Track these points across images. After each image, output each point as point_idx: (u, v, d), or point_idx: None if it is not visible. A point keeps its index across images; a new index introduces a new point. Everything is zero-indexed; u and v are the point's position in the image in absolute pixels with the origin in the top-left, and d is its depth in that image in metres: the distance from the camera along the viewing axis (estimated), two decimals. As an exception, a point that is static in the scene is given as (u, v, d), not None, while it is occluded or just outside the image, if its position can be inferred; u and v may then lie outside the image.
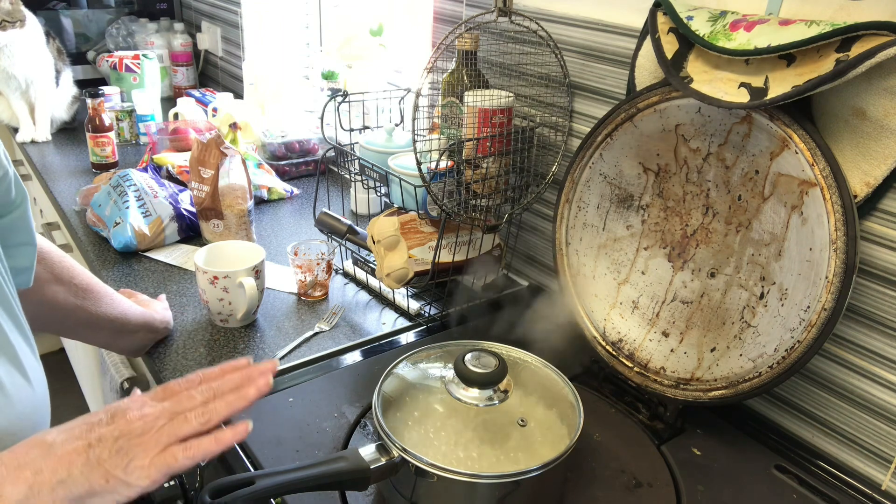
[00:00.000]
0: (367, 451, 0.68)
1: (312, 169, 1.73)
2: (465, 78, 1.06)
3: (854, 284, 0.74)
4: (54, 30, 2.04)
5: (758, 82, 0.75)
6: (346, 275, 1.26)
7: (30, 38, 1.77)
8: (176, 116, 1.86)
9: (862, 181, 0.74)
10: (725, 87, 0.77)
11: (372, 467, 0.66)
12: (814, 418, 0.88)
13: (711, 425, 0.89)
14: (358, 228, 1.17)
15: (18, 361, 0.66)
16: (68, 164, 1.74)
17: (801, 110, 0.75)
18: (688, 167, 0.88)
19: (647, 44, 0.89)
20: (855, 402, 0.83)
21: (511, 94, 1.02)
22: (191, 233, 1.36)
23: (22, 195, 0.75)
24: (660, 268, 0.93)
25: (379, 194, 1.20)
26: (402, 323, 1.12)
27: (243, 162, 1.31)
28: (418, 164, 0.94)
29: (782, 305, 0.80)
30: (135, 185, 1.32)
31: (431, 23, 1.33)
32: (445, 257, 1.06)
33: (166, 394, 0.63)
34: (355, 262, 1.26)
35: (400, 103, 1.26)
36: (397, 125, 1.23)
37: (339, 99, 1.17)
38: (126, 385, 1.19)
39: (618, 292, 0.97)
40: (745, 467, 0.83)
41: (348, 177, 1.23)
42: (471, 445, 0.69)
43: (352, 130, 1.20)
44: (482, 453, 0.68)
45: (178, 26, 2.33)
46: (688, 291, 0.90)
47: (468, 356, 0.73)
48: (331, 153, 1.22)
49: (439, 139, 1.07)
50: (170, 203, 1.33)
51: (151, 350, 1.02)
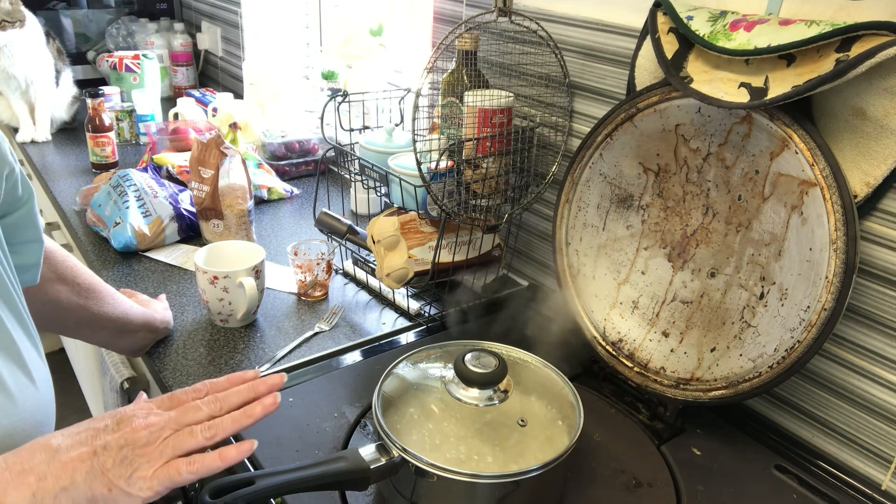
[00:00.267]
0: (367, 451, 0.68)
1: (312, 169, 1.73)
2: (465, 78, 1.06)
3: (854, 284, 0.74)
4: (54, 30, 2.04)
5: (758, 82, 0.75)
6: (346, 275, 1.26)
7: (30, 38, 1.77)
8: (176, 116, 1.86)
9: (862, 181, 0.74)
10: (725, 87, 0.77)
11: (372, 467, 0.66)
12: (814, 418, 0.88)
13: (711, 425, 0.89)
14: (358, 228, 1.17)
15: (22, 361, 0.66)
16: (68, 164, 1.74)
17: (801, 110, 0.75)
18: (688, 167, 0.88)
19: (647, 44, 0.89)
20: (855, 402, 0.83)
21: (511, 94, 1.02)
22: (191, 233, 1.36)
23: (29, 192, 0.75)
24: (660, 268, 0.93)
25: (379, 194, 1.20)
26: (402, 323, 1.12)
27: (243, 162, 1.31)
28: (418, 164, 0.94)
29: (782, 305, 0.80)
30: (135, 185, 1.32)
31: (431, 23, 1.33)
32: (445, 257, 1.06)
33: (173, 403, 0.63)
34: (355, 262, 1.26)
35: (400, 103, 1.26)
36: (397, 125, 1.23)
37: (339, 99, 1.17)
38: (126, 385, 1.19)
39: (618, 292, 0.97)
40: (745, 467, 0.83)
41: (348, 177, 1.23)
42: (471, 445, 0.69)
43: (352, 130, 1.20)
44: (482, 453, 0.68)
45: (178, 26, 2.33)
46: (688, 291, 0.90)
47: (468, 356, 0.73)
48: (331, 153, 1.22)
49: (439, 139, 1.07)
50: (170, 203, 1.33)
51: (151, 350, 1.02)
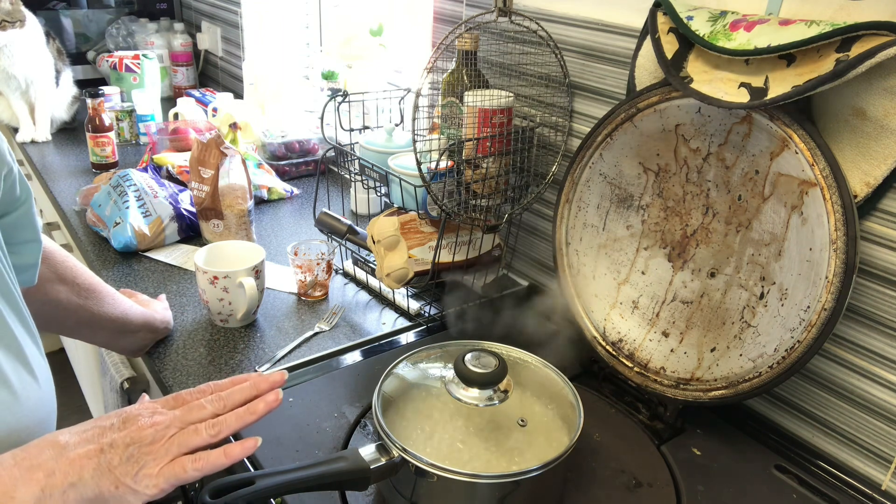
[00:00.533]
0: (367, 451, 0.68)
1: (312, 169, 1.73)
2: (465, 78, 1.06)
3: (854, 284, 0.74)
4: (54, 30, 2.04)
5: (758, 82, 0.75)
6: (346, 275, 1.26)
7: (30, 38, 1.77)
8: (176, 116, 1.86)
9: (862, 181, 0.74)
10: (725, 87, 0.77)
11: (372, 467, 0.66)
12: (814, 418, 0.88)
13: (711, 425, 0.89)
14: (358, 228, 1.17)
15: (25, 359, 0.66)
16: (68, 164, 1.74)
17: (801, 110, 0.75)
18: (688, 167, 0.88)
19: (647, 44, 0.89)
20: (855, 402, 0.83)
21: (511, 94, 1.02)
22: (191, 233, 1.36)
23: (27, 192, 0.75)
24: (660, 268, 0.93)
25: (379, 194, 1.20)
26: (402, 323, 1.12)
27: (243, 162, 1.31)
28: (418, 164, 0.94)
29: (782, 305, 0.80)
30: (135, 185, 1.32)
31: (431, 23, 1.33)
32: (445, 257, 1.06)
33: (177, 402, 0.63)
34: (355, 262, 1.26)
35: (400, 103, 1.26)
36: (397, 125, 1.23)
37: (339, 99, 1.17)
38: (126, 385, 1.19)
39: (618, 292, 0.97)
40: (745, 467, 0.83)
41: (348, 177, 1.23)
42: (471, 445, 0.69)
43: (352, 130, 1.20)
44: (482, 453, 0.68)
45: (178, 26, 2.33)
46: (688, 291, 0.90)
47: (468, 356, 0.73)
48: (331, 153, 1.22)
49: (439, 139, 1.07)
50: (170, 203, 1.33)
51: (151, 350, 1.02)
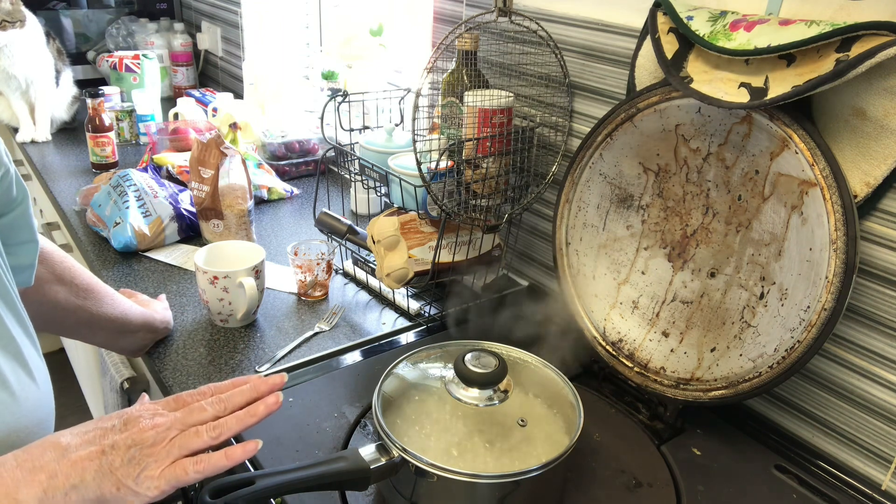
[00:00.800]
0: (367, 451, 0.68)
1: (312, 169, 1.73)
2: (465, 78, 1.06)
3: (854, 284, 0.74)
4: (54, 30, 2.04)
5: (758, 82, 0.75)
6: (346, 275, 1.26)
7: (30, 38, 1.77)
8: (176, 116, 1.86)
9: (862, 181, 0.74)
10: (725, 87, 0.77)
11: (372, 467, 0.66)
12: (814, 418, 0.88)
13: (711, 425, 0.89)
14: (358, 228, 1.17)
15: (23, 359, 0.66)
16: (68, 164, 1.73)
17: (801, 110, 0.75)
18: (688, 167, 0.88)
19: (647, 44, 0.89)
20: (855, 402, 0.83)
21: (511, 94, 1.02)
22: (191, 233, 1.36)
23: (23, 193, 0.75)
24: (660, 268, 0.93)
25: (379, 194, 1.20)
26: (402, 323, 1.12)
27: (243, 162, 1.31)
28: (418, 164, 0.94)
29: (782, 305, 0.80)
30: (135, 185, 1.32)
31: (431, 23, 1.33)
32: (445, 257, 1.06)
33: (178, 404, 0.63)
34: (355, 262, 1.26)
35: (400, 103, 1.26)
36: (397, 125, 1.23)
37: (339, 99, 1.17)
38: (126, 385, 1.19)
39: (618, 292, 0.97)
40: (745, 467, 0.83)
41: (348, 177, 1.23)
42: (471, 445, 0.69)
43: (352, 130, 1.20)
44: (482, 453, 0.68)
45: (178, 26, 2.33)
46: (688, 291, 0.90)
47: (468, 356, 0.73)
48: (331, 153, 1.22)
49: (439, 139, 1.07)
50: (170, 203, 1.33)
51: (151, 350, 1.02)
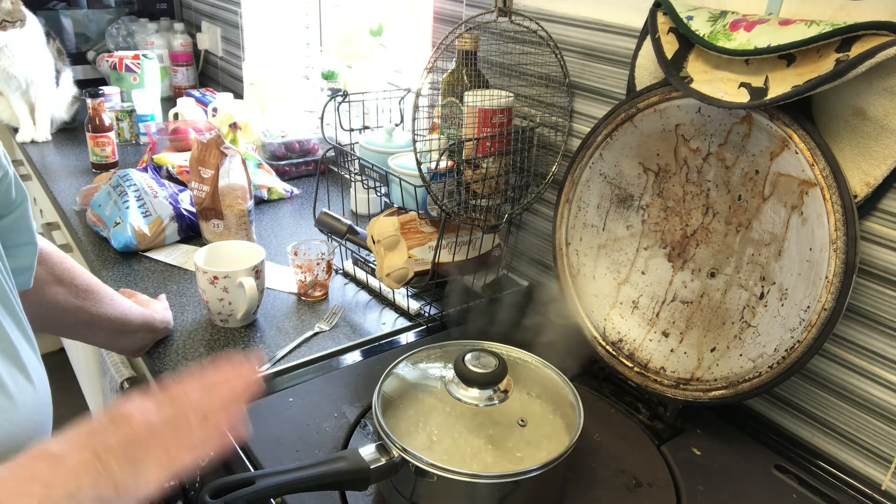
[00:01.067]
0: (367, 451, 0.68)
1: (312, 169, 1.73)
2: (465, 78, 1.06)
3: (854, 284, 0.74)
4: (54, 30, 2.04)
5: (758, 82, 0.75)
6: (346, 275, 1.26)
7: (30, 38, 1.77)
8: (176, 116, 1.86)
9: (862, 181, 0.74)
10: (725, 87, 0.77)
11: (372, 467, 0.66)
12: (814, 418, 0.88)
13: (711, 425, 0.89)
14: (358, 228, 1.17)
15: (21, 362, 0.66)
16: (68, 164, 1.73)
17: (801, 110, 0.75)
18: (688, 167, 0.88)
19: (647, 44, 0.89)
20: (855, 402, 0.83)
21: (511, 94, 1.02)
22: (191, 233, 1.36)
23: (22, 195, 0.75)
24: (660, 268, 0.93)
25: (379, 194, 1.20)
26: (402, 323, 1.12)
27: (243, 162, 1.31)
28: (418, 164, 0.94)
29: (782, 305, 0.80)
30: (135, 185, 1.32)
31: (431, 23, 1.33)
32: (445, 257, 1.06)
33: (165, 397, 0.63)
34: (355, 262, 1.26)
35: (400, 103, 1.26)
36: (397, 125, 1.23)
37: (339, 99, 1.17)
38: (126, 385, 1.19)
39: (618, 292, 0.97)
40: (745, 467, 0.83)
41: (348, 177, 1.23)
42: (471, 446, 0.69)
43: (352, 130, 1.20)
44: (482, 453, 0.68)
45: (178, 26, 2.33)
46: (688, 291, 0.90)
47: (468, 356, 0.73)
48: (331, 153, 1.22)
49: (439, 139, 1.07)
50: (170, 203, 1.33)
51: (151, 350, 1.02)
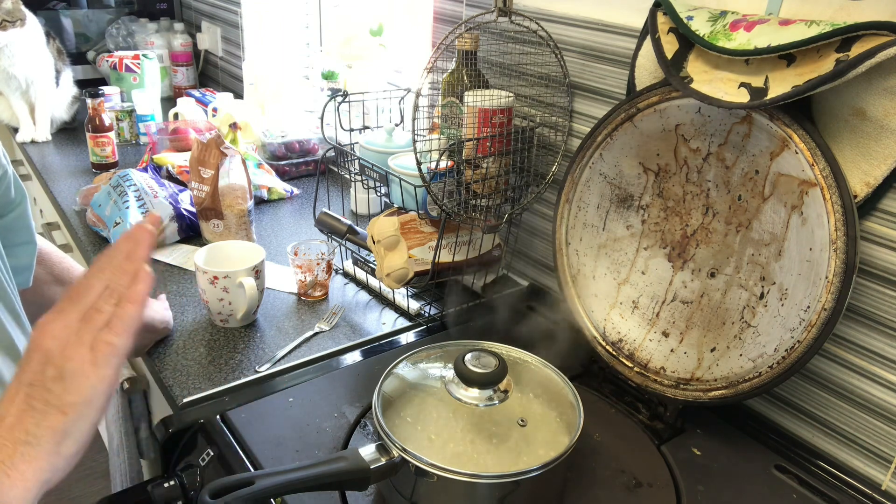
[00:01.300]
0: (367, 451, 0.68)
1: (312, 169, 1.73)
2: (465, 78, 1.06)
3: (854, 284, 0.74)
4: (54, 30, 2.04)
5: (758, 82, 0.75)
6: (346, 275, 1.26)
7: (30, 38, 1.77)
8: (176, 116, 1.86)
9: (862, 181, 0.74)
10: (725, 87, 0.77)
11: (372, 467, 0.66)
12: (814, 418, 0.88)
13: (711, 425, 0.89)
14: (358, 228, 1.17)
15: (20, 358, 0.66)
16: (68, 164, 1.73)
17: (801, 110, 0.75)
18: (688, 167, 0.88)
19: (647, 44, 0.89)
20: (855, 402, 0.83)
21: (511, 94, 1.02)
22: (191, 233, 1.36)
23: (21, 195, 0.75)
24: (660, 268, 0.93)
25: (379, 194, 1.20)
26: (402, 323, 1.12)
27: (243, 162, 1.31)
28: (418, 164, 0.94)
29: (782, 305, 0.80)
30: (135, 185, 1.32)
31: (431, 23, 1.33)
32: (445, 257, 1.06)
33: (66, 297, 0.57)
34: (355, 262, 1.26)
35: (400, 103, 1.26)
36: (397, 125, 1.23)
37: (339, 99, 1.17)
38: (126, 385, 1.19)
39: (618, 292, 0.97)
40: (745, 467, 0.83)
41: (348, 177, 1.23)
42: (471, 445, 0.69)
43: (352, 130, 1.20)
44: (482, 453, 0.68)
45: (178, 26, 2.33)
46: (688, 291, 0.90)
47: (468, 356, 0.73)
48: (331, 153, 1.22)
49: (439, 139, 1.07)
50: (170, 203, 1.33)
51: (151, 350, 1.02)
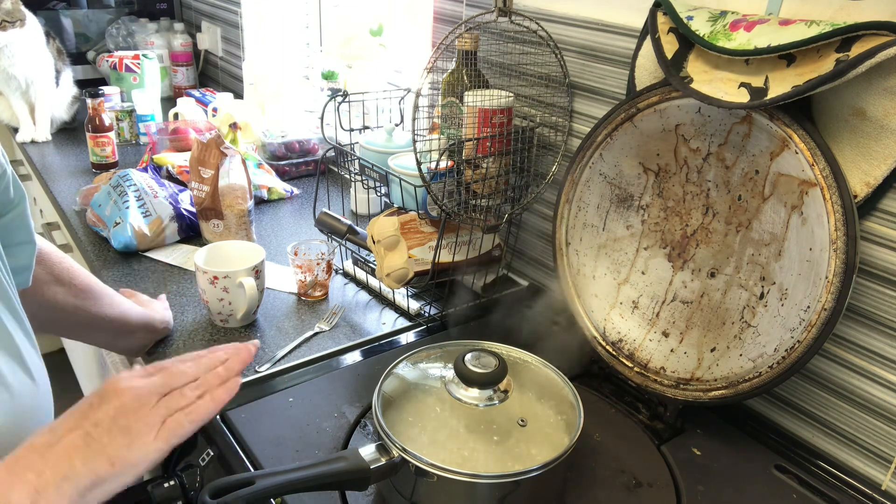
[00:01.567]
0: (367, 451, 0.68)
1: (312, 169, 1.73)
2: (465, 78, 1.06)
3: (854, 284, 0.74)
4: (54, 30, 2.04)
5: (758, 82, 0.75)
6: (346, 275, 1.26)
7: (30, 38, 1.77)
8: (176, 116, 1.85)
9: (862, 181, 0.74)
10: (725, 87, 0.77)
11: (372, 467, 0.66)
12: (814, 418, 0.88)
13: (711, 425, 0.89)
14: (358, 228, 1.17)
15: (21, 357, 0.67)
16: (68, 164, 1.73)
17: (801, 110, 0.75)
18: (688, 167, 0.88)
19: (647, 44, 0.89)
20: (855, 402, 0.83)
21: (511, 94, 1.02)
22: (191, 233, 1.36)
23: (20, 194, 0.75)
24: (660, 268, 0.93)
25: (379, 194, 1.20)
26: (402, 323, 1.12)
27: (243, 162, 1.31)
28: (418, 164, 0.94)
29: (782, 305, 0.80)
30: (135, 185, 1.32)
31: (431, 23, 1.33)
32: (445, 257, 1.06)
33: (156, 370, 0.62)
34: (355, 262, 1.26)
35: (400, 103, 1.26)
36: (397, 125, 1.23)
37: (339, 99, 1.17)
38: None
39: (618, 292, 0.97)
40: (745, 467, 0.83)
41: (348, 177, 1.23)
42: (471, 445, 0.69)
43: (352, 130, 1.20)
44: (482, 453, 0.68)
45: (178, 26, 2.33)
46: (688, 291, 0.90)
47: (468, 356, 0.73)
48: (331, 153, 1.22)
49: (439, 139, 1.07)
50: (170, 203, 1.33)
51: (151, 350, 1.02)
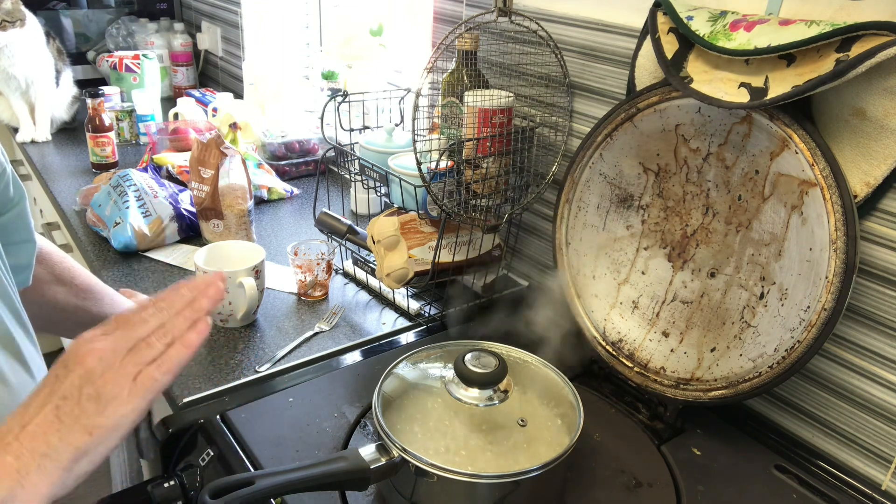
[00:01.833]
0: (367, 451, 0.68)
1: (312, 169, 1.73)
2: (465, 78, 1.06)
3: (854, 284, 0.74)
4: (54, 30, 2.04)
5: (758, 82, 0.75)
6: (346, 275, 1.26)
7: (30, 38, 1.77)
8: (176, 116, 1.86)
9: (862, 181, 0.74)
10: (725, 87, 0.77)
11: (372, 467, 0.66)
12: (814, 418, 0.88)
13: (711, 425, 0.89)
14: (358, 228, 1.17)
15: (21, 356, 0.67)
16: (68, 164, 1.73)
17: (801, 110, 0.75)
18: (688, 167, 0.88)
19: (647, 44, 0.89)
20: (855, 402, 0.83)
21: (511, 94, 1.02)
22: (191, 233, 1.36)
23: (20, 193, 0.75)
24: (660, 268, 0.93)
25: (379, 194, 1.20)
26: (402, 323, 1.12)
27: (243, 162, 1.31)
28: (418, 164, 0.94)
29: (782, 305, 0.80)
30: (135, 185, 1.32)
31: (431, 23, 1.33)
32: (445, 257, 1.06)
33: (118, 323, 0.58)
34: (355, 262, 1.26)
35: (400, 103, 1.26)
36: (397, 125, 1.23)
37: (339, 99, 1.17)
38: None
39: (618, 292, 0.97)
40: (745, 467, 0.83)
41: (348, 177, 1.23)
42: (471, 445, 0.69)
43: (352, 130, 1.20)
44: (482, 453, 0.68)
45: (178, 26, 2.33)
46: (688, 291, 0.90)
47: (468, 356, 0.73)
48: (331, 153, 1.22)
49: (439, 139, 1.07)
50: (170, 203, 1.33)
51: (151, 350, 1.02)
